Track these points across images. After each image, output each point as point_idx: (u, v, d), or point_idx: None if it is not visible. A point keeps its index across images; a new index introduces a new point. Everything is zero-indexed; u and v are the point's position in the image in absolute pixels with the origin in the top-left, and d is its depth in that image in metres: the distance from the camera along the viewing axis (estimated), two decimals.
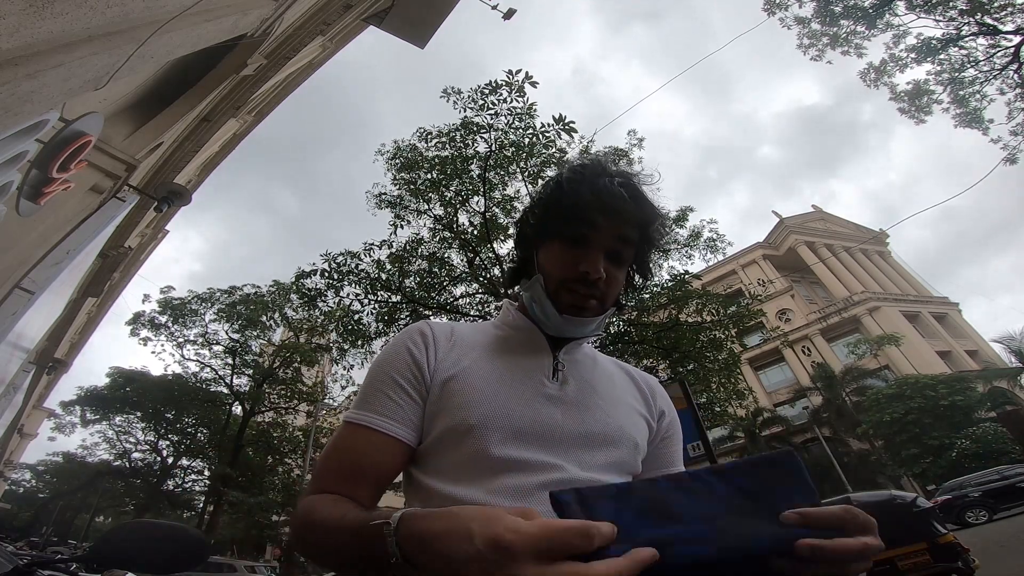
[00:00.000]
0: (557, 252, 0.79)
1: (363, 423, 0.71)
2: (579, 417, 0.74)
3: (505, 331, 0.86)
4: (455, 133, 9.20)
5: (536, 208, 0.85)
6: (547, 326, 0.81)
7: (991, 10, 8.80)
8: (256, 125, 8.07)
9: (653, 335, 10.02)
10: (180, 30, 2.43)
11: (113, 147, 3.66)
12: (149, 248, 10.24)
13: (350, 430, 0.72)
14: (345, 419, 0.74)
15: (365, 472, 0.70)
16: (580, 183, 0.78)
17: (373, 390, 0.74)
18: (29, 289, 3.11)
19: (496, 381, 0.74)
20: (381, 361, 0.78)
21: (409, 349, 0.77)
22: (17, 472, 27.88)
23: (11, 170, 2.30)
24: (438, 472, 0.71)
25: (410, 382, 0.74)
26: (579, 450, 0.72)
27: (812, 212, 38.59)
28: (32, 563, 1.15)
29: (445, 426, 0.71)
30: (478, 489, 0.66)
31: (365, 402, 0.74)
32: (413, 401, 0.73)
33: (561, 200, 0.79)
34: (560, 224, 0.78)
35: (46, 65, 1.66)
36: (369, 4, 5.65)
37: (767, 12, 10.78)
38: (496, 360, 0.78)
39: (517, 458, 0.68)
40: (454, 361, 0.77)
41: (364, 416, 0.72)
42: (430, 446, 0.73)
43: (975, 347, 30.62)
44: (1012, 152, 9.61)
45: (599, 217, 0.76)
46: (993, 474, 13.16)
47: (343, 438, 0.73)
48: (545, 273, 0.79)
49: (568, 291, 0.77)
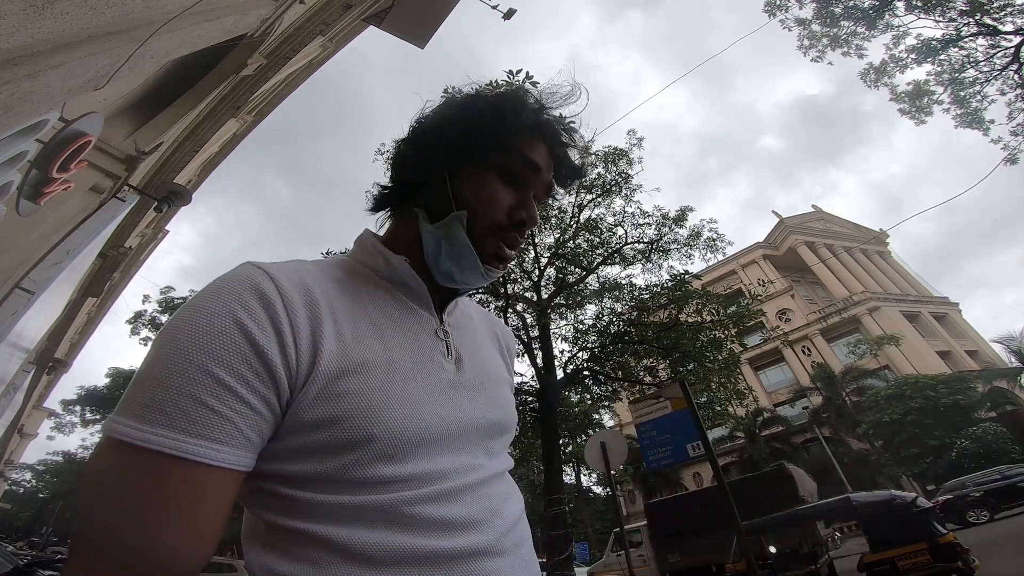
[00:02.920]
0: (493, 189, 0.63)
1: (184, 455, 0.43)
2: (482, 404, 0.63)
3: (379, 284, 0.64)
4: None
5: (458, 126, 0.65)
6: (443, 275, 0.64)
7: (991, 10, 8.81)
8: (256, 125, 8.07)
9: (653, 335, 10.03)
10: (180, 30, 2.43)
11: (113, 147, 3.66)
12: (149, 248, 10.24)
13: (151, 463, 0.43)
14: (127, 440, 0.43)
15: (187, 543, 0.44)
16: (523, 113, 0.65)
17: (178, 394, 0.45)
18: (29, 289, 3.11)
19: (395, 371, 0.56)
20: (187, 343, 0.47)
21: (244, 328, 0.48)
22: (17, 472, 27.90)
23: (11, 170, 2.30)
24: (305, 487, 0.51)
25: (247, 381, 0.47)
26: (484, 439, 0.62)
27: (812, 212, 38.62)
28: (32, 563, 1.16)
29: (327, 439, 0.50)
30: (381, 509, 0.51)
31: (168, 414, 0.44)
32: (254, 412, 0.47)
33: (499, 128, 0.64)
34: (498, 157, 0.64)
35: (46, 65, 1.67)
36: (369, 4, 5.65)
37: (767, 13, 10.79)
38: (385, 336, 0.58)
39: (429, 470, 0.54)
40: (334, 341, 0.53)
41: (179, 441, 0.43)
42: (288, 454, 0.51)
43: (975, 347, 30.64)
44: (1013, 152, 9.62)
45: (542, 160, 0.66)
46: (994, 474, 13.17)
47: (138, 479, 0.43)
48: (471, 210, 0.63)
49: (498, 237, 0.64)
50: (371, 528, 0.50)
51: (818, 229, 37.03)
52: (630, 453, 7.85)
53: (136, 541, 0.42)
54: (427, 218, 0.65)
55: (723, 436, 26.32)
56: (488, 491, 0.59)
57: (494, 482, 0.61)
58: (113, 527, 0.43)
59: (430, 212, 0.65)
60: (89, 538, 0.43)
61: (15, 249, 3.18)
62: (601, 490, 30.68)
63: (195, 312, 0.49)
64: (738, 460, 26.70)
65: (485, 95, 0.68)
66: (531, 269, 11.32)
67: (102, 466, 0.45)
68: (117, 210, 4.06)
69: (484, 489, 0.58)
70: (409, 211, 0.68)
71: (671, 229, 11.10)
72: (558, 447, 10.56)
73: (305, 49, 5.59)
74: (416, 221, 0.66)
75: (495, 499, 0.59)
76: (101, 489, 0.45)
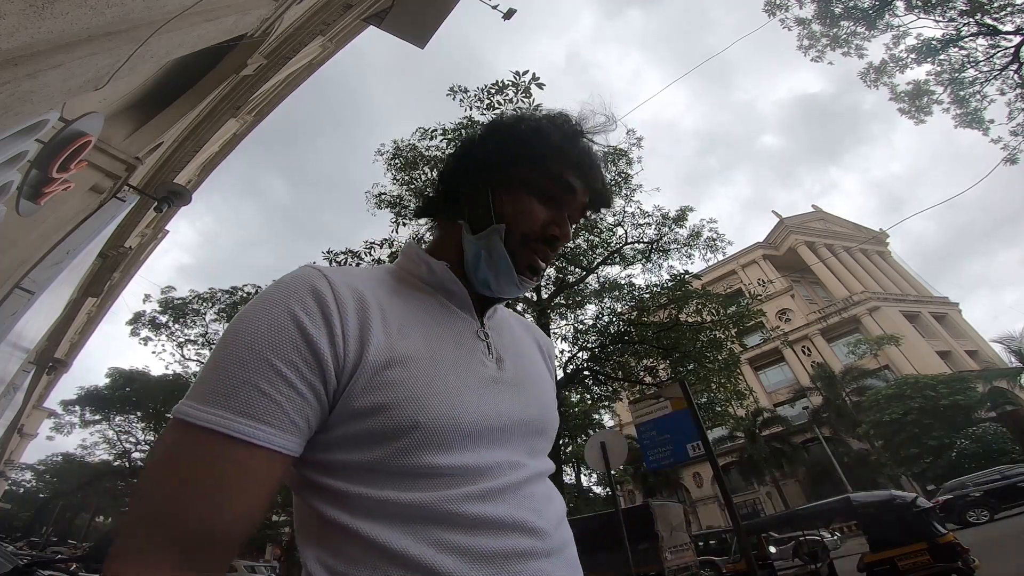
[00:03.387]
0: (530, 206, 0.68)
1: (232, 432, 0.47)
2: (522, 400, 0.65)
3: (424, 289, 0.69)
4: (461, 131, 9.21)
5: (503, 146, 0.71)
6: (480, 284, 0.69)
7: (991, 10, 8.80)
8: (256, 125, 8.07)
9: (653, 335, 10.02)
10: (180, 30, 2.43)
11: (113, 147, 3.66)
12: (149, 248, 10.24)
13: (203, 442, 0.47)
14: (187, 419, 0.48)
15: (230, 521, 0.47)
16: (562, 137, 0.70)
17: (238, 380, 0.49)
18: (29, 289, 3.11)
19: (438, 364, 0.59)
20: (249, 335, 0.52)
21: (299, 322, 0.53)
22: (17, 472, 27.91)
23: (11, 170, 2.30)
24: (355, 479, 0.54)
25: (300, 371, 0.51)
26: (526, 438, 0.64)
27: (812, 212, 38.63)
28: (32, 563, 1.16)
29: (375, 427, 0.53)
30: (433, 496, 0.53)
31: (225, 396, 0.49)
32: (301, 397, 0.51)
33: (541, 150, 0.69)
34: (538, 177, 0.69)
35: (46, 65, 1.67)
36: (369, 4, 5.65)
37: (767, 13, 10.79)
38: (429, 333, 0.62)
39: (473, 464, 0.56)
40: (381, 335, 0.57)
41: (230, 420, 0.48)
42: (338, 443, 0.55)
43: (975, 347, 30.65)
44: (1012, 152, 9.61)
45: (579, 183, 0.71)
46: (994, 474, 13.18)
47: (190, 456, 0.48)
48: (509, 224, 0.67)
49: (532, 250, 0.68)
50: (418, 527, 0.52)
51: (818, 229, 37.04)
52: (630, 453, 7.86)
53: (184, 515, 0.45)
54: (469, 229, 0.69)
55: (723, 436, 26.32)
56: (532, 491, 0.60)
57: (536, 482, 0.63)
58: (165, 501, 0.46)
59: (472, 223, 0.69)
60: (143, 512, 0.46)
61: (15, 249, 3.18)
62: (601, 490, 30.71)
63: (256, 306, 0.55)
64: (738, 460, 26.71)
65: (529, 117, 0.73)
66: None
67: (163, 445, 0.50)
68: (117, 210, 4.06)
69: (528, 488, 0.60)
70: (453, 221, 0.73)
71: (671, 229, 11.09)
72: (558, 447, 10.55)
73: (305, 49, 5.59)
74: (459, 231, 0.71)
75: (539, 499, 0.61)
76: (158, 466, 0.49)
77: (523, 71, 8.19)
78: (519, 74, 8.19)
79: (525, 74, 8.18)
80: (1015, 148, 9.60)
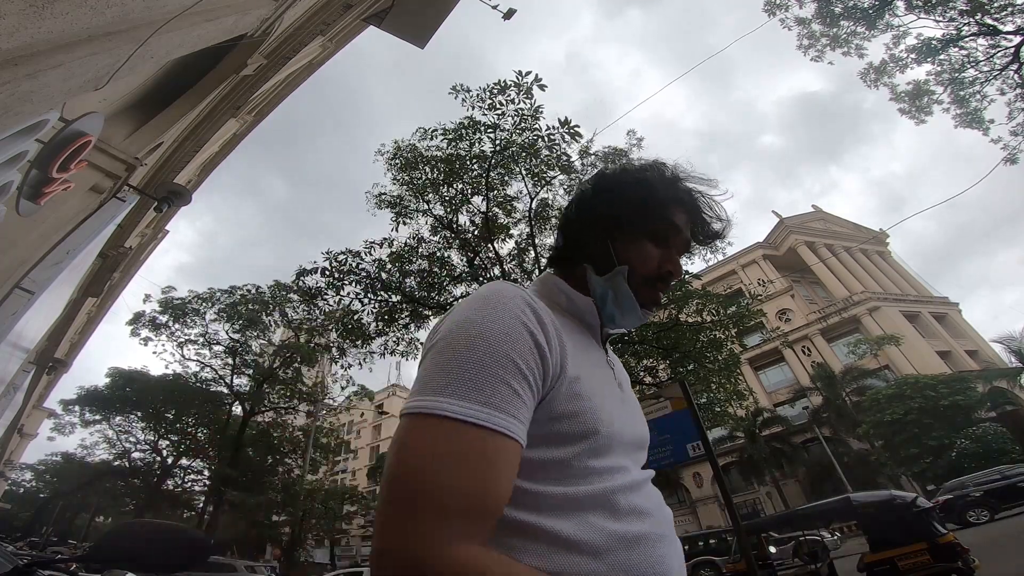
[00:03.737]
0: (646, 249, 0.79)
1: (499, 428, 0.54)
2: (638, 420, 0.78)
3: (572, 319, 0.78)
4: (462, 130, 9.19)
5: (620, 200, 0.82)
6: (607, 318, 0.81)
7: (991, 10, 8.80)
8: (256, 125, 8.07)
9: (653, 335, 10.01)
10: (180, 30, 2.43)
11: (113, 147, 3.66)
12: (149, 248, 10.24)
13: (477, 437, 0.53)
14: (453, 416, 0.53)
15: (504, 501, 0.55)
16: (669, 186, 0.81)
17: (489, 376, 0.56)
18: (29, 289, 3.11)
19: (601, 384, 0.71)
20: (492, 336, 0.59)
21: (529, 329, 0.61)
22: (17, 472, 27.87)
23: (11, 170, 2.30)
24: (540, 476, 0.61)
25: (532, 372, 0.59)
26: (639, 450, 0.76)
27: (812, 212, 38.61)
28: (32, 563, 1.16)
29: (569, 430, 0.62)
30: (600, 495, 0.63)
31: (482, 391, 0.55)
32: (532, 396, 0.59)
33: (654, 200, 0.80)
34: (653, 222, 0.80)
35: (46, 65, 1.66)
36: (369, 4, 5.65)
37: (767, 12, 10.79)
38: (589, 357, 0.73)
39: (620, 466, 0.68)
40: (567, 352, 0.66)
41: (494, 416, 0.54)
42: (531, 440, 0.60)
43: (975, 347, 30.64)
44: (1012, 152, 9.61)
45: (683, 222, 0.81)
46: (994, 474, 13.17)
47: (468, 449, 0.53)
48: (631, 266, 0.78)
49: (651, 287, 0.79)
50: (586, 514, 0.60)
51: (818, 229, 37.02)
52: None
53: (471, 498, 0.51)
54: (595, 271, 0.79)
55: (723, 436, 26.30)
56: (650, 490, 0.72)
57: (650, 484, 0.74)
58: (453, 488, 0.51)
59: (596, 267, 0.80)
60: (432, 500, 0.50)
61: (15, 249, 3.18)
62: None
63: (486, 313, 0.62)
64: (738, 460, 26.71)
65: (631, 170, 0.85)
66: (531, 269, 11.32)
67: (428, 439, 0.53)
68: (117, 210, 4.05)
69: (647, 487, 0.72)
70: (576, 264, 0.83)
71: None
72: None
73: (305, 49, 5.59)
74: (583, 273, 0.81)
75: (656, 497, 0.73)
76: (433, 458, 0.52)
77: (525, 72, 8.18)
78: (522, 74, 8.18)
79: (527, 75, 8.17)
80: (1015, 148, 9.59)
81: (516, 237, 11.49)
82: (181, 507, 27.42)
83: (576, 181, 10.93)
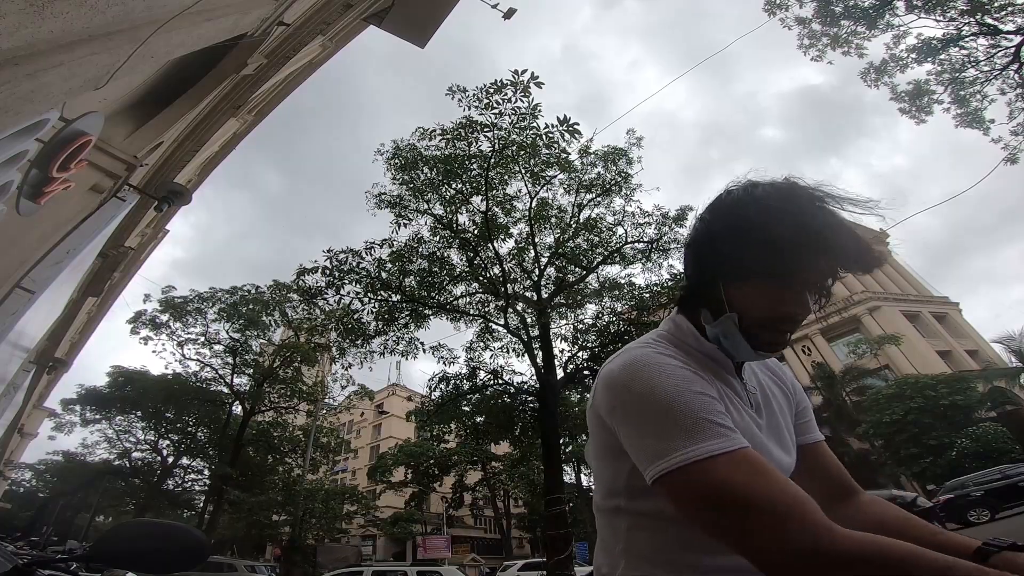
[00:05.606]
0: (760, 294, 0.72)
1: (741, 445, 0.65)
2: (778, 446, 0.81)
3: (702, 360, 0.80)
4: (460, 130, 9.20)
5: (728, 240, 0.74)
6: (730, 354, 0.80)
7: (991, 10, 8.80)
8: (256, 124, 8.07)
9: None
10: (180, 30, 2.43)
11: (113, 147, 3.66)
12: (149, 248, 10.24)
13: (738, 458, 0.63)
14: (714, 454, 0.62)
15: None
16: (789, 214, 0.68)
17: (697, 419, 0.65)
18: (29, 289, 3.11)
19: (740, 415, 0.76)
20: (668, 392, 0.68)
21: (687, 378, 0.71)
22: (17, 472, 27.88)
23: (11, 170, 2.30)
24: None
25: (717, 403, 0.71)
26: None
27: None
28: (32, 563, 1.15)
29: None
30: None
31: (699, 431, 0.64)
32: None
33: (769, 235, 0.68)
34: (769, 263, 0.69)
35: (46, 65, 1.66)
36: (369, 3, 5.65)
37: (767, 12, 10.77)
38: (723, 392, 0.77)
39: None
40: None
41: (734, 440, 0.64)
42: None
43: (975, 347, 30.61)
44: (1013, 152, 9.61)
45: (818, 258, 0.69)
46: (995, 473, 13.15)
47: (751, 470, 0.62)
48: (741, 313, 0.73)
49: (769, 331, 0.74)
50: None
51: None
52: None
53: (783, 497, 0.59)
54: (710, 316, 0.78)
55: None
56: None
57: None
58: (768, 497, 0.59)
59: (711, 310, 0.78)
60: (766, 509, 0.58)
61: (15, 249, 3.18)
62: None
63: (657, 376, 0.69)
64: None
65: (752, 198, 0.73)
66: (531, 268, 11.31)
67: (720, 479, 0.61)
68: (117, 210, 4.05)
69: None
70: (696, 307, 0.82)
71: (671, 228, 11.08)
72: (558, 447, 10.55)
73: (305, 49, 5.59)
74: (700, 313, 0.81)
75: None
76: (746, 489, 0.60)
77: (522, 70, 8.18)
78: (518, 73, 8.18)
79: (524, 73, 8.17)
80: (1015, 148, 9.59)
81: (516, 236, 11.48)
82: (181, 507, 27.41)
83: (576, 181, 10.94)
